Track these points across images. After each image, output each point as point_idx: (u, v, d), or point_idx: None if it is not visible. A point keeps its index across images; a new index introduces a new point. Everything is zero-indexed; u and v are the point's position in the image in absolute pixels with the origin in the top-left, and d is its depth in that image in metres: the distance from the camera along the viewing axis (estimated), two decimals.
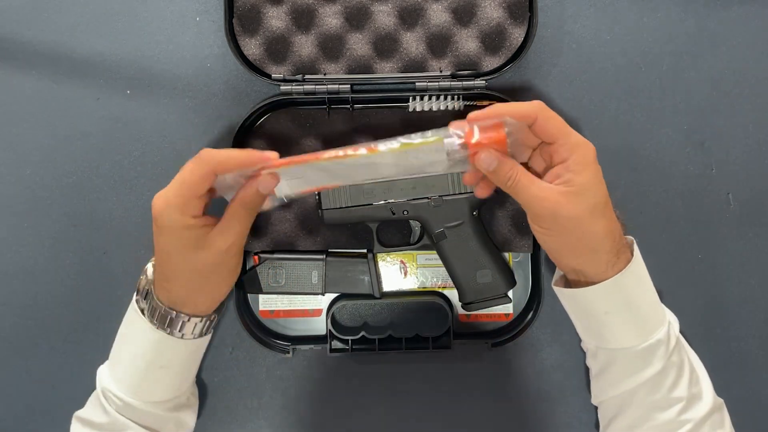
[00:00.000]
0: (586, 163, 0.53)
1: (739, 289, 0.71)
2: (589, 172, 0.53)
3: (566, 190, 0.52)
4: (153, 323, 0.57)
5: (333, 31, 0.67)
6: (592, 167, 0.53)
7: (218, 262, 0.55)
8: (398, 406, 0.71)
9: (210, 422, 0.70)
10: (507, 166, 0.53)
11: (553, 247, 0.56)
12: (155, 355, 0.58)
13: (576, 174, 0.52)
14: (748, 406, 0.70)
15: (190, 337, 0.58)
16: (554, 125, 0.53)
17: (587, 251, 0.54)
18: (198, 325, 0.58)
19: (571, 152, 0.52)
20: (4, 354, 0.70)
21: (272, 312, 0.70)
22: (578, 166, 0.52)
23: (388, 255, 0.70)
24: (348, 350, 0.68)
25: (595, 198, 0.53)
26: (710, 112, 0.71)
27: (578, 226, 0.53)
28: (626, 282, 0.55)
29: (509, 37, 0.67)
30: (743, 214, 0.71)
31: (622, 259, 0.55)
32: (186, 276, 0.56)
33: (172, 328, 0.57)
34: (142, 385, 0.58)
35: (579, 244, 0.54)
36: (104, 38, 0.70)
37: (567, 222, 0.53)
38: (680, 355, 0.57)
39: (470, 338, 0.69)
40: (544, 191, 0.53)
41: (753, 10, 0.71)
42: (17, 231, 0.70)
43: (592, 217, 0.53)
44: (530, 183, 0.53)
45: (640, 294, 0.57)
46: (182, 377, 0.61)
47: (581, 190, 0.52)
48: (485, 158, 0.53)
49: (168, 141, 0.70)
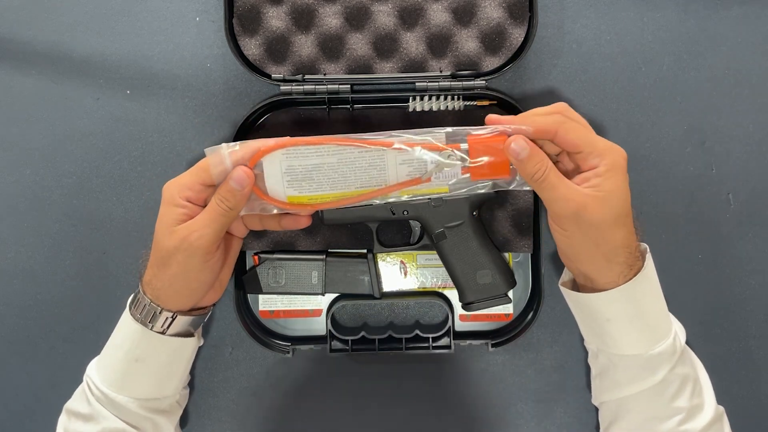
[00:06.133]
0: (617, 169, 0.52)
1: (739, 289, 0.71)
2: (619, 179, 0.52)
3: (593, 194, 0.51)
4: (132, 313, 0.58)
5: (333, 31, 0.67)
6: (622, 174, 0.52)
7: (180, 248, 0.54)
8: (398, 406, 0.71)
9: (210, 422, 0.70)
10: (538, 157, 0.52)
11: (568, 250, 0.55)
12: (131, 345, 0.58)
13: (606, 179, 0.51)
14: (748, 406, 0.70)
15: (160, 330, 0.57)
16: (577, 136, 0.52)
17: (602, 259, 0.54)
18: (168, 320, 0.58)
19: (600, 159, 0.52)
20: (4, 354, 0.70)
21: (272, 312, 0.70)
22: (608, 172, 0.51)
23: (388, 255, 0.70)
24: (348, 350, 0.68)
25: (619, 207, 0.52)
26: (710, 112, 0.71)
27: (598, 233, 0.52)
28: (634, 292, 0.55)
29: (509, 37, 0.67)
30: (743, 214, 0.71)
31: (634, 270, 0.55)
32: (158, 258, 0.56)
33: (145, 318, 0.57)
34: (121, 378, 0.58)
35: (595, 250, 0.53)
36: (104, 38, 0.70)
37: (588, 226, 0.52)
38: (684, 366, 0.56)
39: (470, 338, 0.69)
40: (571, 192, 0.52)
41: (753, 10, 0.71)
42: (17, 231, 0.70)
43: (614, 226, 0.52)
44: (558, 181, 0.52)
45: (648, 304, 0.56)
46: (161, 377, 0.60)
47: (608, 196, 0.51)
48: (516, 146, 0.52)
49: (168, 141, 0.70)
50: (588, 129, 0.54)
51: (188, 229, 0.54)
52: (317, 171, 0.57)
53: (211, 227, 0.55)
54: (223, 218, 0.55)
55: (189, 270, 0.56)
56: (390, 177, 0.57)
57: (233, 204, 0.55)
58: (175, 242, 0.54)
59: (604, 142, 0.53)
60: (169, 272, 0.56)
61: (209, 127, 0.70)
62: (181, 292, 0.57)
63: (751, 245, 0.71)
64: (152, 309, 0.57)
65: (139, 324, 0.57)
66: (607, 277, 0.54)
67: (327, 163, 0.56)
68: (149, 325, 0.57)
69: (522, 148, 0.52)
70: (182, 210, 0.55)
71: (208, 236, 0.55)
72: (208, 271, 0.57)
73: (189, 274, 0.56)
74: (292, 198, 0.57)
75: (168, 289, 0.57)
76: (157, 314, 0.57)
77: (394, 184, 0.57)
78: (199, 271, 0.56)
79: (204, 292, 0.59)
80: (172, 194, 0.55)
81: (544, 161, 0.52)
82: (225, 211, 0.55)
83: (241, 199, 0.55)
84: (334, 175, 0.57)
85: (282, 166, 0.56)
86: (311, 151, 0.56)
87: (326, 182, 0.57)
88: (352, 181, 0.57)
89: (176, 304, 0.58)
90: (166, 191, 0.56)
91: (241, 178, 0.54)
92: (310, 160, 0.56)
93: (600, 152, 0.52)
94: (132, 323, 0.57)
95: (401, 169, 0.57)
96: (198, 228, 0.54)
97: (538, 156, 0.52)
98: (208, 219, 0.55)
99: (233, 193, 0.54)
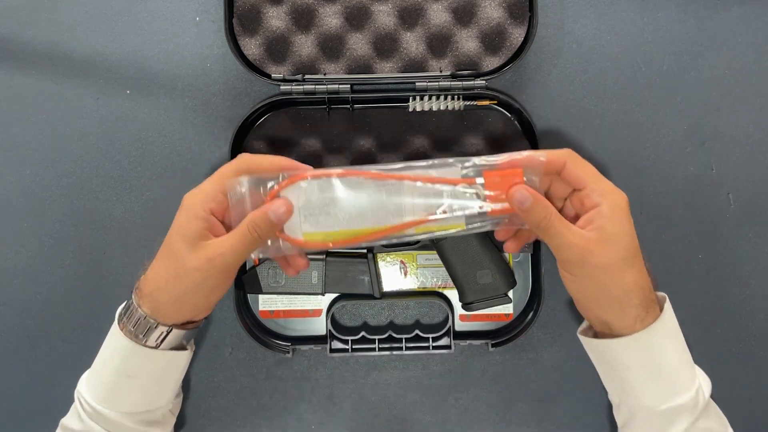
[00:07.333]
0: (619, 210, 0.51)
1: (739, 289, 0.71)
2: (622, 220, 0.51)
3: (597, 237, 0.51)
4: (122, 326, 0.56)
5: (333, 31, 0.67)
6: (625, 216, 0.52)
7: (201, 268, 0.52)
8: (398, 407, 0.71)
9: (210, 422, 0.70)
10: (541, 206, 0.52)
11: (580, 296, 0.55)
12: (121, 361, 0.56)
13: (609, 220, 0.51)
14: (748, 406, 0.70)
15: (153, 345, 0.56)
16: (585, 171, 0.52)
17: (614, 302, 0.53)
18: (163, 334, 0.56)
19: (602, 198, 0.51)
20: (4, 354, 0.70)
21: (272, 312, 0.70)
22: (611, 213, 0.51)
23: (388, 255, 0.70)
24: (348, 350, 0.68)
25: (625, 248, 0.51)
26: (710, 112, 0.71)
27: (607, 276, 0.52)
28: (651, 339, 0.53)
29: (509, 37, 0.67)
30: (743, 214, 0.71)
31: (651, 314, 0.53)
32: (173, 270, 0.53)
33: (138, 332, 0.55)
34: (112, 393, 0.56)
35: (606, 294, 0.52)
36: (104, 38, 0.70)
37: (595, 270, 0.51)
38: (709, 420, 0.55)
39: (470, 338, 0.69)
40: (576, 236, 0.51)
41: (753, 10, 0.71)
42: (17, 231, 0.70)
43: (622, 268, 0.51)
44: (563, 227, 0.52)
45: (667, 353, 0.54)
46: (155, 390, 0.58)
47: (612, 238, 0.51)
48: (519, 196, 0.51)
49: (168, 141, 0.70)
50: (595, 169, 0.53)
51: (215, 250, 0.52)
52: (333, 205, 0.53)
53: (237, 252, 0.52)
54: (250, 245, 0.53)
55: (202, 288, 0.54)
56: (406, 212, 0.54)
57: (264, 233, 0.53)
58: (199, 261, 0.52)
59: (607, 184, 0.52)
60: (181, 287, 0.54)
61: (209, 127, 0.70)
62: (185, 307, 0.55)
63: (751, 245, 0.71)
64: (147, 323, 0.55)
65: (131, 339, 0.55)
66: (623, 321, 0.53)
67: (344, 197, 0.53)
68: (142, 339, 0.55)
69: (525, 197, 0.52)
70: (204, 223, 0.52)
71: (234, 261, 0.53)
72: (219, 292, 0.56)
73: (200, 292, 0.54)
74: (308, 235, 0.54)
75: (172, 304, 0.55)
76: (152, 328, 0.55)
77: (410, 221, 0.54)
78: (212, 291, 0.55)
79: (204, 311, 0.58)
80: (193, 204, 0.53)
81: (548, 209, 0.52)
82: (254, 239, 0.52)
83: (272, 231, 0.53)
84: (351, 210, 0.53)
85: (300, 199, 0.53)
86: (330, 184, 0.53)
87: (343, 218, 0.54)
88: (369, 217, 0.54)
89: (174, 319, 0.56)
90: (188, 200, 0.53)
91: (280, 211, 0.52)
92: (327, 193, 0.53)
93: (602, 191, 0.51)
94: (122, 338, 0.55)
95: (418, 203, 0.54)
96: (225, 251, 0.52)
97: (542, 204, 0.52)
98: (237, 244, 0.52)
99: (268, 224, 0.52)
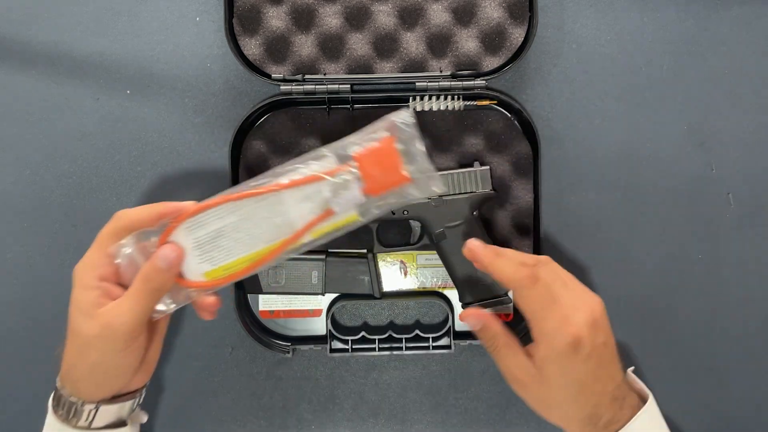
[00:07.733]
0: (560, 355, 0.49)
1: (739, 289, 0.71)
2: (562, 363, 0.50)
3: (536, 374, 0.51)
4: (55, 411, 0.53)
5: (333, 31, 0.67)
6: (567, 359, 0.49)
7: (101, 335, 0.50)
8: (398, 407, 0.71)
9: (210, 422, 0.70)
10: (490, 333, 0.53)
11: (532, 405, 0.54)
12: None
13: (548, 363, 0.50)
14: (747, 407, 0.70)
15: (85, 425, 0.52)
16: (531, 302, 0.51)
17: (565, 425, 0.53)
18: (92, 412, 0.52)
19: (542, 338, 0.50)
20: (4, 354, 0.70)
21: (272, 312, 0.70)
22: (550, 356, 0.50)
23: (388, 255, 0.70)
24: (348, 350, 0.68)
25: (562, 393, 0.51)
26: (710, 112, 0.71)
27: (547, 410, 0.52)
28: None
29: (509, 37, 0.67)
30: (743, 214, 0.71)
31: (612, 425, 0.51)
32: (76, 347, 0.51)
33: (68, 414, 0.52)
34: None
35: (550, 418, 0.53)
36: (104, 38, 0.70)
37: (534, 403, 0.53)
38: None
39: (470, 338, 0.69)
40: (518, 369, 0.52)
41: (753, 10, 0.71)
42: (17, 231, 0.70)
43: (562, 404, 0.51)
44: (509, 356, 0.52)
45: None
46: None
47: (548, 381, 0.50)
48: (471, 319, 0.54)
49: (168, 141, 0.70)
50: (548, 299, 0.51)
51: (110, 313, 0.50)
52: (222, 236, 0.51)
53: (135, 310, 0.50)
54: (148, 300, 0.50)
55: (110, 357, 0.51)
56: (294, 219, 0.52)
57: (160, 284, 0.50)
58: (96, 329, 0.50)
59: (554, 319, 0.50)
60: (89, 361, 0.51)
61: (209, 127, 0.70)
62: (102, 381, 0.53)
63: (751, 245, 0.71)
64: (72, 404, 0.52)
65: (63, 422, 0.52)
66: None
67: (228, 224, 0.51)
68: (73, 421, 0.52)
69: (476, 320, 0.54)
70: (97, 291, 0.50)
71: (133, 321, 0.50)
72: (132, 356, 0.52)
73: (110, 361, 0.51)
74: (208, 274, 0.52)
75: (87, 380, 0.52)
76: (78, 408, 0.52)
77: (301, 227, 0.52)
78: (122, 357, 0.52)
79: (129, 378, 0.54)
80: (82, 276, 0.51)
81: (495, 338, 0.53)
82: (151, 292, 0.50)
83: (169, 279, 0.50)
84: (239, 236, 0.51)
85: (188, 241, 0.51)
86: (208, 217, 0.51)
87: (235, 246, 0.51)
88: (260, 236, 0.51)
89: (97, 394, 0.53)
90: (77, 273, 0.51)
91: (171, 257, 0.50)
92: (211, 226, 0.51)
93: (544, 330, 0.50)
94: (56, 423, 0.53)
95: (303, 207, 0.51)
96: (122, 312, 0.50)
97: (490, 332, 0.53)
98: (133, 302, 0.50)
99: (161, 273, 0.50)
